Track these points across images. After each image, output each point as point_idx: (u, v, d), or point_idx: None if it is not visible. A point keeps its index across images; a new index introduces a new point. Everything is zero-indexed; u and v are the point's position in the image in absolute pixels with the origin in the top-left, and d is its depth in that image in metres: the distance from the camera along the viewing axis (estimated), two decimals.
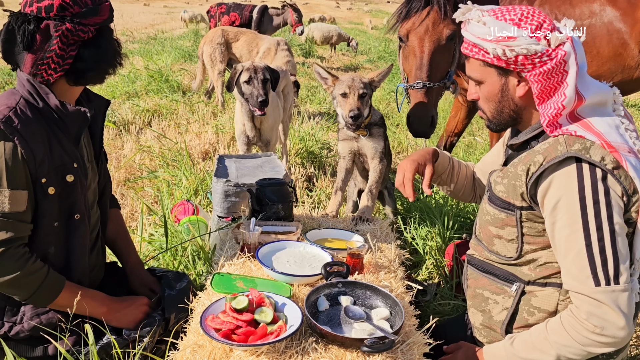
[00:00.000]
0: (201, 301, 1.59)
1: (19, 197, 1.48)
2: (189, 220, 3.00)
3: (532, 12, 1.42)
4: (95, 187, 1.82)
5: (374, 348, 1.27)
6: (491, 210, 1.57)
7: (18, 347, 1.62)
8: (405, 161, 1.79)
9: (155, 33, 17.61)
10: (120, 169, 4.53)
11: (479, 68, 1.50)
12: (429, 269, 2.91)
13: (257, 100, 3.38)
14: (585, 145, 1.36)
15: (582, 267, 1.33)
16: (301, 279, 1.65)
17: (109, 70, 1.65)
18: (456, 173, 1.93)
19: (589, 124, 1.40)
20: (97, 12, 1.51)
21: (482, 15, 1.43)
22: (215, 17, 9.84)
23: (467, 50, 1.50)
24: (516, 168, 1.48)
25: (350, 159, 2.53)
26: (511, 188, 1.48)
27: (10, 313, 1.61)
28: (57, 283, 1.59)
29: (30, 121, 1.50)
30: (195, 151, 5.07)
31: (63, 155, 1.58)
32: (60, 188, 1.58)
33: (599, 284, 1.31)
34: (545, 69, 1.38)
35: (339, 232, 2.09)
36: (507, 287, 1.56)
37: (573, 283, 1.36)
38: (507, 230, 1.53)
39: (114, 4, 1.65)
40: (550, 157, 1.38)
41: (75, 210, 1.64)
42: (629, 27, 2.86)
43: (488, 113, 1.56)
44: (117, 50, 1.65)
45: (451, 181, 1.93)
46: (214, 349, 1.33)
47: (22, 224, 1.52)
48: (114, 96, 7.23)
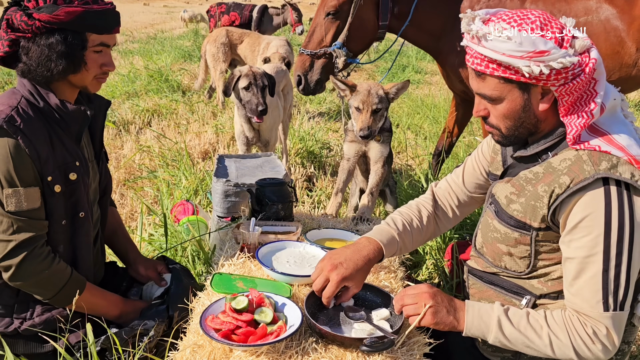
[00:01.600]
0: (201, 301, 1.59)
1: (33, 193, 1.51)
2: (189, 220, 3.00)
3: (546, 17, 1.31)
4: (96, 186, 1.83)
5: (374, 347, 1.27)
6: (501, 228, 1.47)
7: (28, 343, 1.64)
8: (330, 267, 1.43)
9: (155, 33, 17.61)
10: (120, 169, 4.53)
11: (498, 85, 1.35)
12: (429, 269, 2.91)
13: (257, 109, 3.39)
14: (612, 163, 1.28)
15: (595, 291, 1.29)
16: (301, 279, 1.65)
17: (42, 71, 1.54)
18: (407, 246, 1.67)
19: (611, 138, 1.32)
20: (51, 11, 1.48)
21: (503, 28, 1.29)
22: (215, 16, 9.83)
23: (481, 67, 1.34)
24: (535, 187, 1.37)
25: (354, 161, 2.53)
26: (530, 209, 1.39)
27: (19, 309, 1.63)
28: (80, 283, 1.63)
29: (32, 120, 1.52)
30: (195, 151, 5.07)
31: (65, 154, 1.59)
32: (65, 186, 1.60)
33: (607, 310, 1.28)
34: (578, 81, 1.28)
35: (339, 232, 2.09)
36: (517, 300, 1.49)
37: (581, 304, 1.31)
38: (520, 248, 1.44)
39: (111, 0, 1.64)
40: (578, 180, 1.29)
41: (79, 208, 1.66)
42: (626, 24, 2.85)
43: (503, 130, 1.44)
44: (54, 57, 1.52)
45: (404, 252, 1.69)
46: (213, 349, 1.33)
47: (40, 222, 1.55)
48: (114, 96, 7.23)
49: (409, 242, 1.67)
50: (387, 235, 1.60)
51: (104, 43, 1.60)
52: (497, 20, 1.33)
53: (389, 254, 1.58)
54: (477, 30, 1.32)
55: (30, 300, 1.63)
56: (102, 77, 1.66)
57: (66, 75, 1.57)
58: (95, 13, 1.54)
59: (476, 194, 1.76)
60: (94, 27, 1.55)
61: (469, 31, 1.35)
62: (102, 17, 1.56)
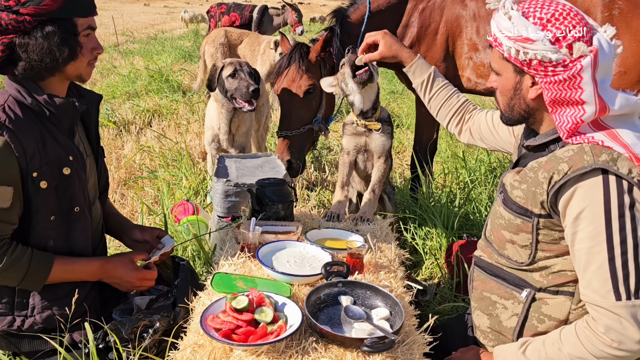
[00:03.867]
0: (201, 301, 1.59)
1: (4, 193, 1.50)
2: (189, 220, 3.01)
3: (567, 13, 1.34)
4: (95, 182, 1.83)
5: (375, 348, 1.28)
6: (506, 214, 1.51)
7: (32, 341, 1.65)
8: None
9: (156, 33, 17.63)
10: (120, 169, 4.54)
11: (498, 60, 1.46)
12: (429, 269, 2.91)
13: (249, 90, 3.16)
14: (612, 157, 1.31)
15: (604, 281, 1.29)
16: (301, 279, 1.65)
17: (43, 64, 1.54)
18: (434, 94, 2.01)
19: (616, 135, 1.34)
20: (38, 2, 1.47)
21: (510, 8, 1.38)
22: (215, 17, 9.85)
23: (490, 37, 1.46)
24: (536, 174, 1.41)
25: (354, 154, 2.52)
26: (530, 195, 1.42)
27: (20, 307, 1.63)
28: (46, 260, 1.60)
29: (19, 117, 1.53)
30: (195, 151, 5.07)
31: (57, 149, 1.59)
32: (57, 181, 1.59)
33: (619, 299, 1.27)
34: (557, 79, 1.33)
35: (339, 232, 2.09)
36: (517, 293, 1.52)
37: (593, 296, 1.32)
38: (522, 236, 1.48)
39: (114, 4, 1.66)
40: (576, 167, 1.32)
41: (74, 202, 1.65)
42: None
43: (501, 105, 1.54)
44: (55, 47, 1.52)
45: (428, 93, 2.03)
46: (214, 348, 1.33)
47: (4, 224, 1.53)
48: (114, 96, 7.24)
49: (437, 89, 2.00)
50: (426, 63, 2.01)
51: (91, 26, 1.62)
52: (520, 4, 1.40)
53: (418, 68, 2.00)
54: (497, 5, 1.44)
55: (29, 296, 1.63)
56: (93, 62, 1.67)
57: (67, 63, 1.58)
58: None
59: (497, 139, 1.89)
60: (80, 11, 1.56)
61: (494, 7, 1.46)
62: (84, 0, 1.57)
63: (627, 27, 2.83)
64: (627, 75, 2.89)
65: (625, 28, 2.83)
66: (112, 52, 12.62)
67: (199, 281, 1.98)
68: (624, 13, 2.83)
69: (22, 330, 1.62)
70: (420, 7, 3.09)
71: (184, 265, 1.94)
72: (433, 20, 3.09)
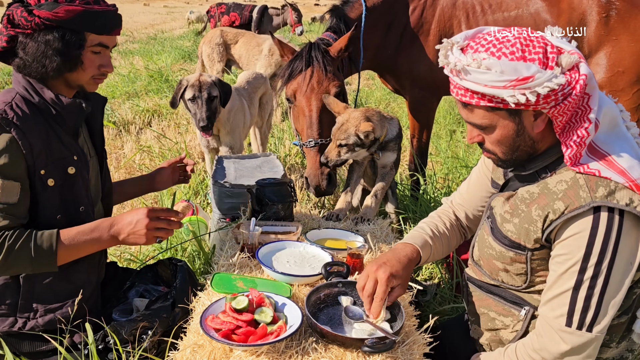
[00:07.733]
0: (201, 301, 1.59)
1: (12, 188, 1.50)
2: (189, 220, 3.00)
3: (528, 36, 1.24)
4: (98, 184, 1.83)
5: (375, 348, 1.28)
6: (497, 246, 1.45)
7: (33, 342, 1.64)
8: (376, 267, 1.44)
9: (155, 33, 17.63)
10: (120, 169, 4.53)
11: (486, 114, 1.32)
12: (429, 269, 2.91)
13: (199, 125, 3.19)
14: (610, 189, 1.25)
15: (561, 305, 1.29)
16: (301, 279, 1.65)
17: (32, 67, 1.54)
18: (438, 250, 1.68)
19: (612, 161, 1.28)
20: (51, 8, 1.49)
21: (482, 59, 1.23)
22: (215, 17, 9.85)
23: (466, 98, 1.30)
24: (529, 208, 1.35)
25: (364, 164, 2.54)
26: (523, 231, 1.37)
27: (23, 309, 1.63)
28: (50, 236, 1.55)
29: (26, 114, 1.53)
30: (195, 151, 5.07)
31: (62, 149, 1.60)
32: (62, 180, 1.60)
33: (569, 326, 1.28)
34: (569, 101, 1.23)
35: (339, 232, 2.09)
36: (516, 311, 1.48)
37: (547, 312, 1.33)
38: (516, 265, 1.43)
39: (113, 2, 1.65)
40: (573, 207, 1.26)
41: (79, 202, 1.66)
42: (555, 18, 2.85)
43: (500, 155, 1.40)
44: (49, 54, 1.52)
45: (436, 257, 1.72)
46: (214, 349, 1.33)
47: (10, 217, 1.51)
48: (114, 96, 7.24)
49: (440, 245, 1.68)
50: (421, 239, 1.62)
51: (102, 44, 1.61)
52: (475, 46, 1.28)
53: (425, 256, 1.60)
54: (455, 62, 1.28)
55: (34, 301, 1.63)
56: (100, 78, 1.67)
57: (61, 73, 1.58)
58: (95, 13, 1.54)
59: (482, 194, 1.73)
60: (93, 27, 1.56)
61: (447, 64, 1.31)
62: (102, 18, 1.56)
63: (625, 28, 2.83)
64: (625, 75, 2.89)
65: (623, 28, 2.83)
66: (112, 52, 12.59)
67: (197, 281, 1.98)
68: (622, 14, 2.83)
69: (23, 331, 1.62)
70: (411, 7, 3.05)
71: (182, 266, 1.94)
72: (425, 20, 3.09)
